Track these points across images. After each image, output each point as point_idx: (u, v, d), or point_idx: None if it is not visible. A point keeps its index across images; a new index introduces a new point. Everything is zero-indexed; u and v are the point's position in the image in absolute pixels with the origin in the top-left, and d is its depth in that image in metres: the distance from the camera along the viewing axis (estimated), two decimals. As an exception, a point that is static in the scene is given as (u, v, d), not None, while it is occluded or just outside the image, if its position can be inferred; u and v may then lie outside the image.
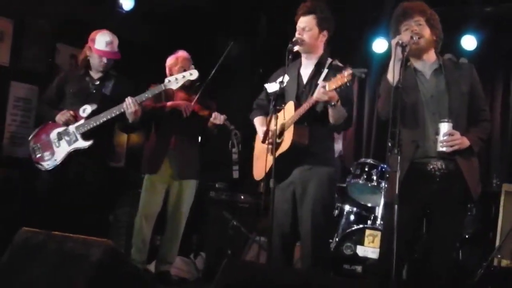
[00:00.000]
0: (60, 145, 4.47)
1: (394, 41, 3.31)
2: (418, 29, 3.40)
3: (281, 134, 3.78)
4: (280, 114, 3.79)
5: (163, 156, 4.85)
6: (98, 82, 4.62)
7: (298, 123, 3.70)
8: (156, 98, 4.77)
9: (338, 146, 5.65)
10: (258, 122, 4.06)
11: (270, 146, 3.70)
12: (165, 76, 4.97)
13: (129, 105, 4.37)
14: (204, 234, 6.01)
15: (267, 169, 3.68)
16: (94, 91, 4.59)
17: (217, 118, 4.71)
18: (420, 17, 3.44)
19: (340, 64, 3.86)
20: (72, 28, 4.58)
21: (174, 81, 4.46)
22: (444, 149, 3.29)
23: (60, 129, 4.49)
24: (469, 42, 6.28)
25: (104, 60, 4.58)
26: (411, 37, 3.31)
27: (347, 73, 3.34)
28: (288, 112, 3.78)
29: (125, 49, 6.32)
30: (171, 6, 6.43)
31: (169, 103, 4.80)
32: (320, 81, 3.72)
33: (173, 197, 4.93)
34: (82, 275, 2.56)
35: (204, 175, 5.11)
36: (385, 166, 5.23)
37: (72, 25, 4.69)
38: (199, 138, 5.07)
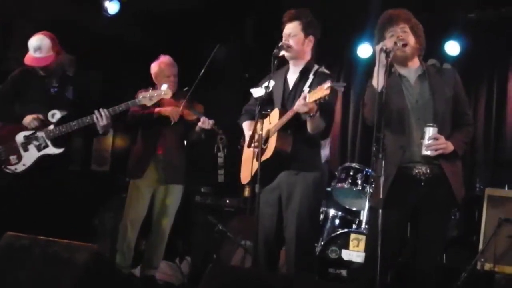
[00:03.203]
0: (29, 149, 4.28)
1: (378, 47, 3.34)
2: (404, 36, 3.44)
3: (266, 140, 3.80)
4: (267, 120, 3.81)
5: (149, 161, 4.83)
6: (57, 85, 4.43)
7: (282, 131, 3.73)
8: None
9: (325, 152, 5.68)
10: (246, 127, 4.08)
11: (255, 151, 3.71)
12: (151, 80, 4.98)
13: (101, 118, 4.28)
14: (189, 239, 6.00)
15: (253, 174, 3.71)
16: (56, 95, 4.42)
17: (206, 122, 4.69)
18: (405, 25, 3.48)
19: (326, 71, 3.88)
20: (58, 31, 4.52)
21: (148, 98, 4.37)
22: (428, 152, 3.32)
23: (27, 133, 4.29)
24: (452, 48, 6.35)
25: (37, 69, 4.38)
26: (395, 43, 3.35)
27: (326, 86, 3.35)
28: (274, 118, 3.80)
29: (111, 51, 6.35)
30: (158, 10, 6.43)
31: (156, 110, 4.77)
32: (306, 88, 3.76)
33: (159, 202, 4.91)
34: (67, 279, 2.55)
35: (189, 179, 5.10)
36: (370, 170, 5.26)
37: (58, 28, 4.65)
38: (185, 142, 5.07)
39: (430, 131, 3.32)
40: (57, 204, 4.31)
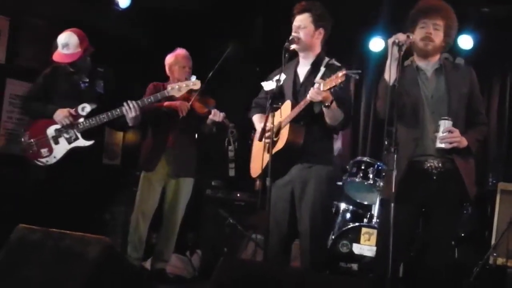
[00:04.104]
0: (59, 142, 4.41)
1: (390, 40, 3.32)
2: (433, 34, 3.41)
3: (278, 132, 3.79)
4: (278, 113, 3.80)
5: (160, 154, 4.84)
6: (87, 80, 4.54)
7: (294, 122, 3.72)
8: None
9: (338, 145, 5.65)
10: (257, 120, 4.07)
11: (267, 144, 3.71)
12: (164, 74, 4.99)
13: (131, 109, 4.37)
14: (200, 232, 6.02)
15: (263, 167, 3.71)
16: (86, 90, 4.53)
17: (217, 115, 4.71)
18: (441, 21, 3.43)
19: (337, 63, 3.85)
20: (68, 26, 4.56)
21: (176, 89, 4.46)
22: (442, 145, 3.30)
23: (58, 126, 4.43)
24: (465, 42, 6.29)
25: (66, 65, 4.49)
26: (408, 36, 3.32)
27: (341, 74, 3.35)
28: (285, 111, 3.79)
29: (121, 46, 6.36)
30: (167, 5, 6.43)
31: (165, 103, 4.78)
32: (317, 80, 3.74)
33: (170, 195, 4.93)
34: (79, 272, 2.56)
35: (200, 172, 5.11)
36: (381, 164, 5.24)
37: (68, 22, 4.69)
38: (196, 136, 5.07)
39: (445, 124, 3.30)
40: (72, 197, 4.37)
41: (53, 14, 5.81)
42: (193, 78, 4.53)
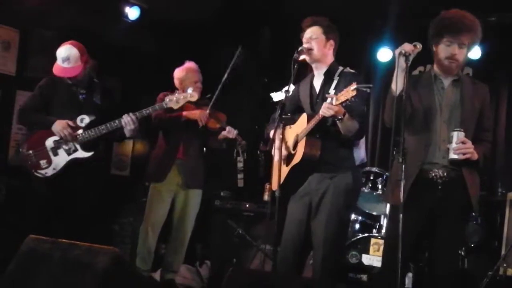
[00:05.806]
0: (58, 154, 4.36)
1: (397, 51, 3.32)
2: (458, 54, 3.40)
3: (295, 145, 3.81)
4: (294, 126, 3.83)
5: (170, 165, 4.86)
6: (85, 91, 4.49)
7: (310, 136, 3.72)
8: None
9: (360, 154, 5.60)
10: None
11: (276, 155, 3.73)
12: (173, 85, 5.01)
13: (129, 122, 4.32)
14: (209, 243, 6.02)
15: (278, 178, 3.71)
16: (85, 101, 4.48)
17: (231, 132, 4.73)
18: (467, 39, 3.41)
19: (351, 71, 3.87)
20: (77, 38, 4.58)
21: (174, 101, 4.41)
22: (456, 156, 3.29)
23: (57, 138, 4.37)
24: (473, 51, 6.26)
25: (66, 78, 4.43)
26: (414, 46, 3.31)
27: (352, 88, 3.35)
28: (301, 124, 3.81)
29: (130, 58, 6.41)
30: (176, 17, 6.47)
31: (184, 113, 4.78)
32: (331, 90, 3.76)
33: (179, 206, 4.94)
34: (88, 283, 2.57)
35: (209, 183, 5.12)
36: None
37: (77, 34, 4.72)
38: (205, 149, 5.08)
39: (458, 135, 3.30)
40: (80, 208, 4.38)
41: (62, 25, 5.86)
42: (190, 89, 4.50)
